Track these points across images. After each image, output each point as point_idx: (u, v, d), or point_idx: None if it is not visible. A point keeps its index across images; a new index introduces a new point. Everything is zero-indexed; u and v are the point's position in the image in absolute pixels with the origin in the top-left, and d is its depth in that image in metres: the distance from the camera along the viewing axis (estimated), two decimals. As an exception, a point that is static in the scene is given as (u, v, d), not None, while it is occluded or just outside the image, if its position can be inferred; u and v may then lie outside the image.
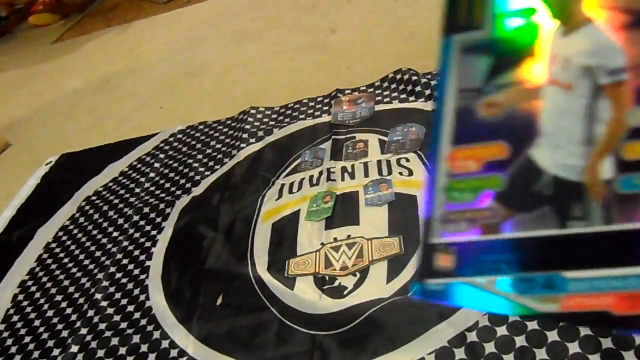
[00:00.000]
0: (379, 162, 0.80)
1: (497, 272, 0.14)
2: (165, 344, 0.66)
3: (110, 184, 1.00)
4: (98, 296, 0.75)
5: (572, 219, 0.14)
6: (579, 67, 0.14)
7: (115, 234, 0.87)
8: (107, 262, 0.81)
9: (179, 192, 0.91)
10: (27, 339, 0.74)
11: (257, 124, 1.00)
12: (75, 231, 0.92)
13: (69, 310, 0.76)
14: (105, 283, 0.77)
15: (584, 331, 0.49)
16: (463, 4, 0.14)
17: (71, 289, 0.80)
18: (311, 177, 0.82)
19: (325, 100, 1.00)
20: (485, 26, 0.14)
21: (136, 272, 0.78)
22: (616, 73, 0.14)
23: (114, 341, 0.68)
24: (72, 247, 0.88)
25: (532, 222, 0.14)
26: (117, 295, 0.75)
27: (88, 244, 0.88)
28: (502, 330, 0.52)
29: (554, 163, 0.15)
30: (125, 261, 0.80)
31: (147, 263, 0.79)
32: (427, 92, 0.90)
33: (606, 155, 0.14)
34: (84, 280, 0.80)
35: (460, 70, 0.14)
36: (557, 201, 0.14)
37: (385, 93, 0.96)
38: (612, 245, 0.14)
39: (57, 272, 0.84)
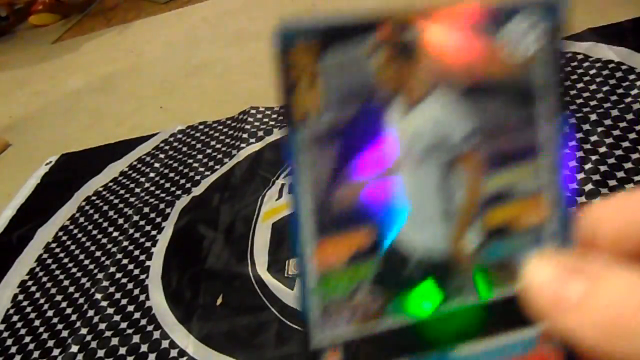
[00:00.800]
0: (379, 162, 0.80)
1: (388, 359, 0.14)
2: (165, 344, 0.66)
3: (110, 184, 1.01)
4: (98, 296, 0.75)
5: (447, 295, 0.14)
6: (426, 141, 0.14)
7: (115, 234, 0.87)
8: (107, 262, 0.81)
9: (179, 192, 0.91)
10: (27, 339, 0.74)
11: (257, 124, 1.00)
12: (75, 231, 0.92)
13: (69, 310, 0.76)
14: (105, 283, 0.77)
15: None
16: (300, 99, 0.14)
17: (71, 289, 0.80)
18: (311, 177, 0.82)
19: (325, 100, 1.00)
20: (326, 115, 0.14)
21: (136, 272, 0.78)
22: (462, 143, 0.14)
23: (114, 341, 0.68)
24: (72, 247, 0.88)
25: (409, 304, 0.14)
26: (117, 295, 0.75)
27: (88, 244, 0.88)
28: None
29: (418, 242, 0.14)
30: (125, 261, 0.80)
31: (147, 263, 0.79)
32: (427, 92, 0.90)
33: (466, 226, 0.14)
34: (84, 280, 0.80)
35: (311, 162, 0.14)
36: (430, 274, 0.14)
37: (385, 93, 0.96)
38: (490, 314, 0.14)
39: (57, 272, 0.84)
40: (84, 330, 0.71)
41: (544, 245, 0.14)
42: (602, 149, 0.68)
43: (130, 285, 0.76)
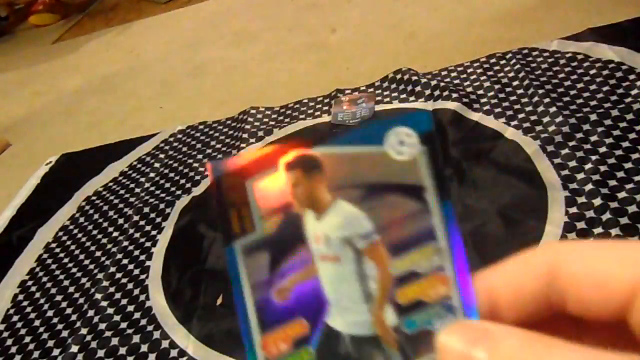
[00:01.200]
0: (379, 162, 0.80)
1: None
2: (165, 344, 0.66)
3: (110, 184, 1.01)
4: (98, 296, 0.75)
5: None
6: (338, 240, 0.17)
7: (115, 234, 0.87)
8: (107, 262, 0.81)
9: (179, 192, 0.91)
10: (27, 339, 0.74)
11: (257, 124, 1.00)
12: (75, 231, 0.92)
13: (69, 310, 0.76)
14: (105, 283, 0.77)
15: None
16: (234, 217, 0.17)
17: (71, 289, 0.80)
18: (311, 177, 0.82)
19: (325, 100, 1.00)
20: (256, 228, 0.17)
21: (136, 272, 0.78)
22: (368, 236, 0.17)
23: (114, 341, 0.68)
24: (72, 247, 0.88)
25: None
26: (117, 295, 0.75)
27: (88, 244, 0.88)
28: None
29: (347, 324, 0.17)
30: (125, 261, 0.80)
31: (147, 263, 0.79)
32: (427, 92, 0.90)
33: (385, 305, 0.17)
34: (84, 280, 0.80)
35: (248, 269, 0.17)
36: (361, 357, 0.17)
37: (385, 93, 0.96)
38: None
39: (57, 272, 0.84)
40: (84, 330, 0.71)
41: (454, 315, 0.16)
42: (602, 149, 0.68)
43: (130, 285, 0.76)
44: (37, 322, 0.76)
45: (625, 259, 0.14)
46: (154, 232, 0.84)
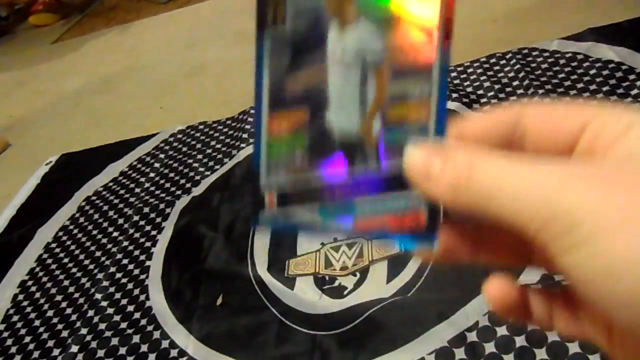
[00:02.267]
0: (379, 162, 0.80)
1: (307, 203, 0.20)
2: (165, 344, 0.66)
3: (110, 184, 1.01)
4: (98, 296, 0.75)
5: (355, 162, 0.20)
6: (354, 50, 0.20)
7: (115, 234, 0.87)
8: (107, 262, 0.81)
9: (179, 192, 0.91)
10: (27, 339, 0.74)
11: (257, 124, 1.00)
12: (75, 231, 0.92)
13: (69, 310, 0.76)
14: (105, 283, 0.77)
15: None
16: (271, 8, 0.20)
17: (71, 289, 0.80)
18: (311, 177, 0.82)
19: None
20: (287, 23, 0.20)
21: (136, 272, 0.78)
22: (378, 54, 0.20)
23: (114, 341, 0.68)
24: (72, 247, 0.88)
25: (329, 164, 0.20)
26: (117, 295, 0.75)
27: (88, 244, 0.88)
28: (502, 330, 0.52)
29: (340, 122, 0.20)
30: (125, 261, 0.80)
31: (147, 263, 0.79)
32: (427, 92, 0.90)
33: (375, 115, 0.20)
34: (84, 280, 0.80)
35: (272, 55, 0.20)
36: (344, 149, 0.20)
37: (385, 93, 0.96)
38: (384, 178, 0.20)
39: (57, 272, 0.84)
40: (84, 330, 0.71)
41: (426, 136, 0.19)
42: (602, 149, 0.68)
43: (130, 285, 0.76)
44: (37, 322, 0.76)
45: (572, 111, 0.18)
46: (154, 232, 0.84)
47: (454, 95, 0.87)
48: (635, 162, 0.16)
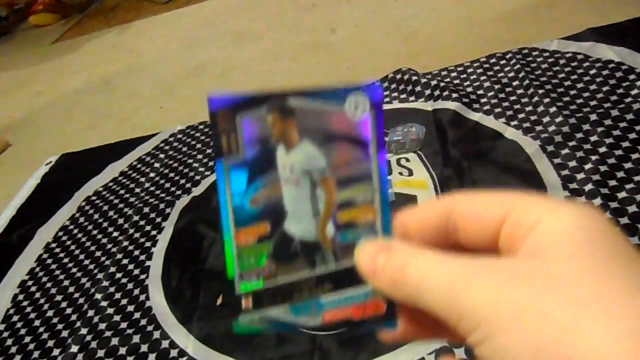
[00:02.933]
0: (379, 162, 0.80)
1: (279, 304, 0.23)
2: (165, 344, 0.66)
3: (110, 184, 1.01)
4: (98, 296, 0.75)
5: (317, 264, 0.23)
6: (300, 170, 0.23)
7: (115, 234, 0.87)
8: (107, 262, 0.81)
9: (179, 192, 0.91)
10: (27, 339, 0.74)
11: (257, 124, 1.00)
12: (75, 231, 0.92)
13: (69, 310, 0.76)
14: (105, 283, 0.77)
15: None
16: (224, 140, 0.23)
17: (71, 289, 0.80)
18: (311, 177, 0.82)
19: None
20: (240, 152, 0.23)
21: (136, 272, 0.78)
22: (322, 171, 0.23)
23: (114, 341, 0.68)
24: (72, 247, 0.88)
25: (294, 269, 0.23)
26: (117, 295, 0.75)
27: (88, 244, 0.88)
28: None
29: (298, 231, 0.23)
30: (125, 261, 0.80)
31: (147, 263, 0.79)
32: (427, 92, 0.90)
33: (327, 221, 0.23)
34: (84, 280, 0.80)
35: (230, 180, 0.23)
36: (306, 254, 0.23)
37: (385, 93, 0.96)
38: (343, 276, 0.22)
39: (57, 272, 0.84)
40: (84, 330, 0.71)
41: (375, 235, 0.22)
42: (602, 149, 0.68)
43: (130, 285, 0.76)
44: (37, 322, 0.76)
45: (496, 201, 0.20)
46: (154, 232, 0.84)
47: (454, 95, 0.87)
48: (535, 258, 0.17)
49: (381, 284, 0.20)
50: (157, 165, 1.00)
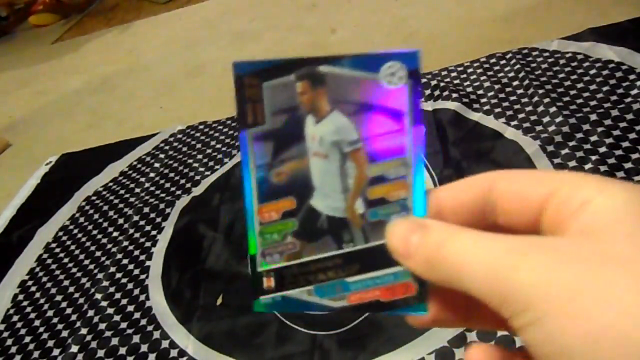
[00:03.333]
0: (379, 162, 0.80)
1: (303, 285, 0.22)
2: (165, 344, 0.66)
3: (110, 184, 1.01)
4: (98, 296, 0.75)
5: (344, 242, 0.22)
6: (329, 142, 0.22)
7: (115, 234, 0.87)
8: (107, 262, 0.81)
9: (179, 192, 0.91)
10: (27, 339, 0.74)
11: (257, 124, 1.00)
12: (75, 231, 0.92)
13: (69, 310, 0.76)
14: (105, 283, 0.77)
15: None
16: (249, 110, 0.22)
17: (71, 289, 0.80)
18: (311, 177, 0.82)
19: (325, 100, 1.00)
20: (266, 122, 0.22)
21: (136, 272, 0.78)
22: (353, 143, 0.22)
23: (114, 341, 0.68)
24: (72, 247, 0.88)
25: (320, 247, 0.22)
26: (117, 295, 0.75)
27: (88, 244, 0.88)
28: (502, 331, 0.52)
29: (326, 207, 0.22)
30: (125, 261, 0.80)
31: (147, 263, 0.79)
32: (427, 92, 0.90)
33: (357, 198, 0.22)
34: (84, 280, 0.80)
35: (255, 153, 0.22)
36: (333, 232, 0.22)
37: (385, 93, 0.96)
38: (372, 255, 0.21)
39: (57, 272, 0.84)
40: (84, 330, 0.71)
41: (407, 212, 0.21)
42: (602, 149, 0.68)
43: (130, 285, 0.76)
44: (37, 322, 0.76)
45: (539, 180, 0.19)
46: (154, 232, 0.84)
47: (454, 95, 0.87)
48: (588, 238, 0.16)
49: (415, 264, 0.19)
50: (157, 165, 1.00)
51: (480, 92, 0.88)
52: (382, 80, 0.21)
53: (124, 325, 0.70)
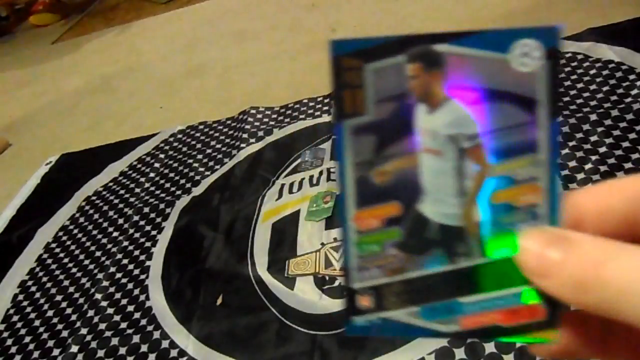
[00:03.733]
0: (379, 162, 0.80)
1: (407, 305, 0.18)
2: (165, 344, 0.66)
3: (110, 184, 1.01)
4: (98, 296, 0.75)
5: (457, 256, 0.18)
6: (445, 136, 0.18)
7: (115, 234, 0.87)
8: (107, 262, 0.81)
9: (179, 192, 0.91)
10: (27, 339, 0.74)
11: (257, 124, 1.00)
12: (75, 231, 0.92)
13: (69, 310, 0.76)
14: (105, 283, 0.77)
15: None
16: (347, 97, 0.18)
17: (71, 289, 0.80)
18: (311, 177, 0.82)
19: (325, 100, 1.00)
20: (368, 111, 0.18)
21: (136, 272, 0.78)
22: (473, 138, 0.18)
23: (114, 341, 0.68)
24: (72, 247, 0.88)
25: (428, 261, 0.18)
26: (117, 295, 0.75)
27: (88, 244, 0.88)
28: None
29: (437, 214, 0.19)
30: (125, 261, 0.80)
31: (147, 263, 0.79)
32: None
33: (476, 202, 0.18)
34: (84, 280, 0.80)
35: (354, 148, 0.18)
36: (444, 243, 0.19)
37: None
38: (491, 272, 0.18)
39: (57, 272, 0.84)
40: (84, 330, 0.71)
41: (538, 222, 0.18)
42: (602, 149, 0.68)
43: (130, 285, 0.76)
44: (37, 322, 0.76)
45: None
46: (154, 232, 0.84)
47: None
48: None
49: (557, 285, 0.16)
50: (157, 165, 1.00)
51: (480, 92, 0.87)
52: (512, 61, 0.17)
53: (124, 325, 0.70)
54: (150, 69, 1.47)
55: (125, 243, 0.83)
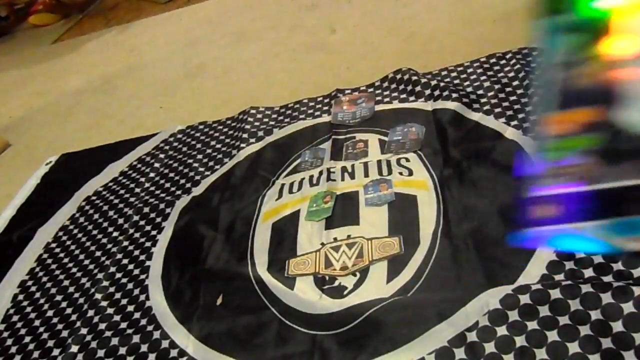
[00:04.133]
0: (379, 162, 0.80)
1: (594, 218, 0.16)
2: (165, 344, 0.66)
3: (110, 184, 1.01)
4: (98, 296, 0.75)
5: None
6: None
7: (115, 234, 0.87)
8: (107, 262, 0.81)
9: (179, 192, 0.91)
10: (27, 339, 0.74)
11: (257, 124, 1.00)
12: (75, 231, 0.92)
13: (69, 310, 0.76)
14: (105, 283, 0.77)
15: (584, 331, 0.49)
16: None
17: (71, 289, 0.80)
18: (311, 177, 0.82)
19: (325, 100, 1.00)
20: (573, 9, 0.16)
21: (136, 272, 0.78)
22: None
23: (114, 341, 0.68)
24: (72, 247, 0.88)
25: (624, 173, 0.16)
26: (117, 295, 0.75)
27: (88, 244, 0.88)
28: (502, 330, 0.52)
29: None
30: (125, 261, 0.80)
31: (147, 263, 0.79)
32: (427, 92, 0.90)
33: None
34: (84, 280, 0.80)
35: (556, 47, 0.16)
36: None
37: (385, 93, 0.96)
38: None
39: (57, 272, 0.84)
40: (84, 330, 0.71)
41: None
42: (602, 149, 0.68)
43: (130, 285, 0.76)
44: (37, 322, 0.76)
45: None
46: (154, 232, 0.84)
47: (454, 95, 0.86)
48: None
49: None
50: (157, 165, 1.00)
51: (480, 92, 0.88)
52: None
53: (124, 325, 0.70)
54: (150, 69, 1.47)
55: (125, 243, 0.83)
